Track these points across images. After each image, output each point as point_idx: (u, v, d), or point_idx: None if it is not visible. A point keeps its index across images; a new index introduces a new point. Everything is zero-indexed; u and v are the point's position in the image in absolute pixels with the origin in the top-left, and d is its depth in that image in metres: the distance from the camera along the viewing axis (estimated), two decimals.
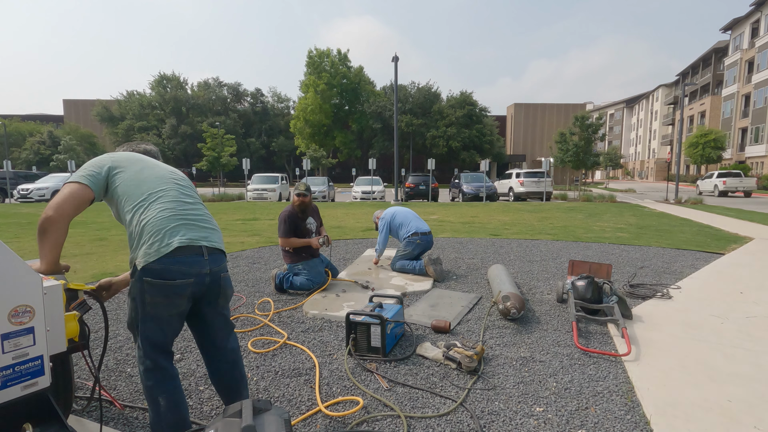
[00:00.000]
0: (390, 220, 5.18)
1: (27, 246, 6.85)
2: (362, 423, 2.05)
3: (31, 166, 41.66)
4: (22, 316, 1.35)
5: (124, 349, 2.88)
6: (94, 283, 1.89)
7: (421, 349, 2.81)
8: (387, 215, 5.24)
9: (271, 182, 21.83)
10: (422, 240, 4.97)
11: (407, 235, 5.00)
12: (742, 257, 6.04)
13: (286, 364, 2.68)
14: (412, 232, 4.99)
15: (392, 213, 5.24)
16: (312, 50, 46.74)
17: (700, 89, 50.99)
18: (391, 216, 5.21)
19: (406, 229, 5.05)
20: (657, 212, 13.32)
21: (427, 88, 47.81)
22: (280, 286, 4.21)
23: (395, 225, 5.16)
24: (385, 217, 5.23)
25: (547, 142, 47.18)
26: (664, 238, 7.75)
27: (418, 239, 4.96)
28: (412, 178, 21.39)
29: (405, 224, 5.10)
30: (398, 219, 5.17)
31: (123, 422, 2.06)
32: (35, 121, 55.80)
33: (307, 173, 22.19)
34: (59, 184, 20.21)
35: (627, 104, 79.58)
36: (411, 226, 5.05)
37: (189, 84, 54.45)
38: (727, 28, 42.59)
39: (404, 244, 5.01)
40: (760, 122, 35.96)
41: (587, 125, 24.03)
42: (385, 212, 5.32)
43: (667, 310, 3.73)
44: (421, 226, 5.07)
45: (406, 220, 5.13)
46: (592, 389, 2.37)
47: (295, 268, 4.29)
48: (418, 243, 4.95)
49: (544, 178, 19.93)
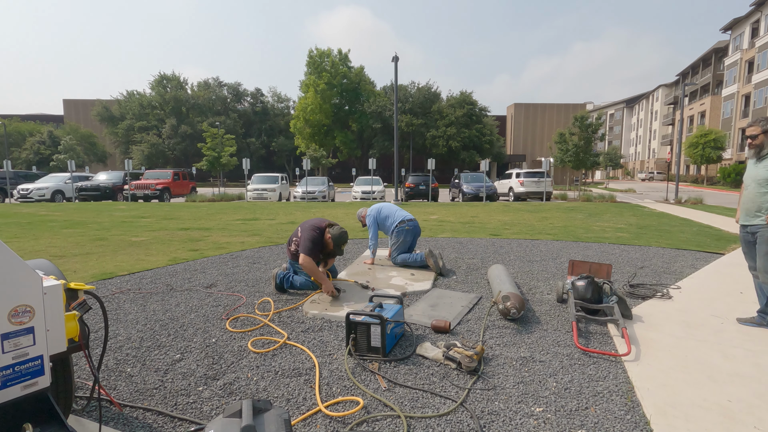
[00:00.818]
0: (376, 215, 5.49)
1: (27, 246, 6.84)
2: (362, 423, 2.05)
3: (31, 166, 41.65)
4: (22, 316, 1.35)
5: (124, 349, 2.88)
6: (94, 283, 1.89)
7: (421, 349, 2.81)
8: (373, 211, 5.55)
9: (271, 182, 21.83)
10: (410, 226, 5.34)
11: (395, 224, 5.34)
12: (742, 257, 6.02)
13: (286, 364, 2.68)
14: (399, 221, 5.33)
15: (378, 208, 5.56)
16: (312, 50, 46.74)
17: (700, 89, 50.99)
18: (377, 211, 5.52)
19: (392, 220, 5.40)
20: (657, 212, 13.32)
21: (427, 88, 47.80)
22: (280, 285, 4.21)
23: (382, 218, 5.48)
24: (371, 213, 5.53)
25: (547, 142, 47.17)
26: (664, 238, 7.75)
27: (406, 225, 5.31)
28: (412, 178, 21.40)
29: (391, 215, 5.45)
30: (384, 212, 5.50)
31: (123, 422, 2.06)
32: (35, 121, 55.76)
33: (307, 173, 22.18)
34: (59, 184, 20.21)
35: (627, 104, 79.57)
36: (397, 216, 5.41)
37: (189, 84, 54.47)
38: (727, 28, 42.58)
39: (395, 233, 5.31)
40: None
41: (587, 125, 24.03)
42: (370, 209, 5.62)
43: (667, 310, 3.73)
44: (406, 215, 5.45)
45: (392, 212, 5.48)
46: (592, 389, 2.37)
47: (296, 265, 4.29)
48: (408, 229, 5.30)
49: (544, 178, 19.94)
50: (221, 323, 3.38)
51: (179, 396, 2.29)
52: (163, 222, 10.59)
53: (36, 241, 7.38)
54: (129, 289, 4.34)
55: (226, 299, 4.01)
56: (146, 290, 4.29)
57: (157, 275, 4.92)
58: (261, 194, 21.01)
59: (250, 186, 21.47)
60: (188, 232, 8.71)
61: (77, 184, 20.09)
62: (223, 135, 27.39)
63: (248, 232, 8.70)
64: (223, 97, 54.26)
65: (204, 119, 49.14)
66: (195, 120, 49.92)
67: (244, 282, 4.62)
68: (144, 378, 2.49)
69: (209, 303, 3.89)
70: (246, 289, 4.36)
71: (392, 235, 5.34)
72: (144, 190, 19.86)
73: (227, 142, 27.30)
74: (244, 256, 6.10)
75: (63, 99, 62.13)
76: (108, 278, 4.75)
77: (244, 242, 7.31)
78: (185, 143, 48.70)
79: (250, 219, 11.43)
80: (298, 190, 20.81)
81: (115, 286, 4.45)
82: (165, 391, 2.34)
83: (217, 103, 53.42)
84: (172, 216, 12.22)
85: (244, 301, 3.96)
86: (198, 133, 43.19)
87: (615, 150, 51.80)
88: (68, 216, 12.05)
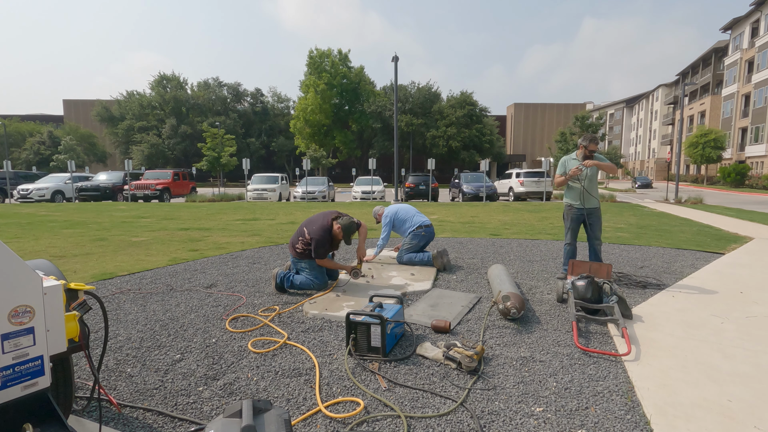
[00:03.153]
0: (394, 217, 5.54)
1: (27, 246, 6.85)
2: (362, 423, 2.05)
3: (31, 167, 41.69)
4: (22, 316, 1.35)
5: (124, 349, 2.88)
6: (94, 283, 1.89)
7: (421, 349, 2.81)
8: (391, 211, 5.58)
9: (271, 182, 21.84)
10: (426, 232, 5.42)
11: (412, 228, 5.40)
12: (742, 257, 6.04)
13: (286, 364, 2.68)
14: (417, 225, 5.40)
15: (395, 209, 5.60)
16: (312, 50, 46.78)
17: (700, 89, 50.99)
18: (395, 212, 5.56)
19: (410, 224, 5.44)
20: (657, 212, 13.32)
21: (427, 88, 47.84)
22: (280, 285, 4.20)
23: (399, 221, 5.53)
24: (389, 213, 5.56)
25: (546, 142, 47.17)
26: (664, 238, 7.75)
27: (422, 231, 5.40)
28: (412, 178, 21.41)
29: (408, 219, 5.49)
30: (401, 215, 5.55)
31: (123, 422, 2.06)
32: (35, 121, 55.81)
33: (307, 173, 22.19)
34: (59, 184, 20.20)
35: (627, 104, 79.61)
36: (415, 221, 5.47)
37: (189, 84, 54.50)
38: (727, 28, 42.59)
39: (410, 237, 5.38)
40: (760, 122, 35.95)
41: (587, 125, 24.05)
42: (388, 209, 5.66)
43: (667, 310, 3.73)
44: (424, 220, 5.50)
45: (409, 216, 5.52)
46: (592, 389, 2.37)
47: (299, 264, 4.30)
48: (423, 235, 5.40)
49: (544, 178, 19.94)
50: (221, 323, 3.38)
51: (179, 396, 2.29)
52: (163, 222, 10.59)
53: (36, 241, 7.39)
54: (129, 289, 4.34)
55: (226, 299, 4.01)
56: (146, 290, 4.29)
57: (157, 275, 4.92)
58: (261, 194, 21.02)
59: (250, 186, 21.47)
60: (188, 232, 8.71)
61: (77, 184, 20.09)
62: (223, 135, 27.40)
63: (248, 232, 8.70)
64: (223, 97, 54.30)
65: (204, 119, 49.18)
66: (195, 120, 49.95)
67: (244, 282, 4.62)
68: (144, 378, 2.49)
69: (209, 303, 3.89)
70: (246, 289, 4.36)
71: (407, 238, 5.42)
72: (144, 191, 19.86)
73: (227, 142, 27.30)
74: (244, 256, 6.10)
75: (63, 99, 62.15)
76: (108, 278, 4.75)
77: (244, 242, 7.31)
78: (185, 143, 48.72)
79: (250, 219, 11.43)
80: (298, 190, 20.82)
81: (115, 286, 4.45)
82: (165, 391, 2.34)
83: (217, 103, 53.44)
84: (172, 216, 12.22)
85: (244, 301, 3.95)
86: (198, 133, 43.19)
87: (615, 150, 51.81)
88: (68, 216, 12.05)
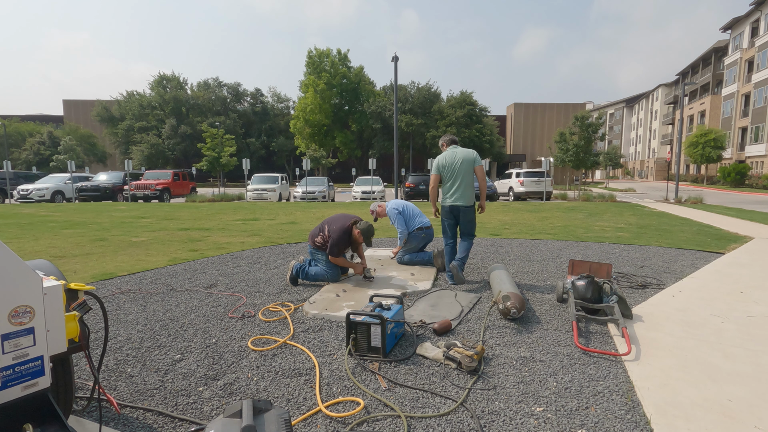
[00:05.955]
0: (402, 210, 5.55)
1: (27, 246, 6.84)
2: (362, 423, 2.05)
3: (31, 167, 41.66)
4: (22, 316, 1.35)
5: (124, 349, 2.88)
6: (94, 283, 1.89)
7: (422, 349, 2.81)
8: (398, 205, 5.60)
9: (271, 182, 21.82)
10: (426, 234, 5.46)
11: (413, 229, 5.43)
12: (742, 257, 6.04)
13: (286, 364, 2.68)
14: (418, 227, 5.44)
15: (402, 205, 5.61)
16: (312, 50, 46.76)
17: (700, 89, 50.97)
18: (402, 206, 5.59)
19: (412, 223, 5.48)
20: (657, 212, 13.32)
21: (427, 88, 47.80)
22: (295, 276, 4.42)
23: (407, 216, 5.55)
24: (396, 206, 5.59)
25: (546, 142, 47.16)
26: (664, 238, 7.76)
27: (423, 233, 5.43)
28: (412, 178, 21.39)
29: (411, 219, 5.52)
30: (407, 212, 5.58)
31: (123, 422, 2.06)
32: (35, 121, 55.75)
33: (307, 173, 22.18)
34: (59, 184, 20.20)
35: (627, 104, 79.59)
36: (417, 221, 5.49)
37: (189, 84, 54.46)
38: (727, 28, 42.58)
39: (411, 237, 5.43)
40: (760, 121, 35.94)
41: (587, 125, 24.04)
42: (391, 203, 5.68)
43: (667, 309, 3.73)
44: (425, 222, 5.52)
45: (414, 215, 5.55)
46: (592, 389, 2.37)
47: (317, 254, 4.55)
48: (423, 237, 5.45)
49: (544, 178, 19.94)
50: (221, 323, 3.38)
51: (179, 396, 2.29)
52: (163, 222, 10.59)
53: (36, 241, 7.38)
54: (129, 289, 4.34)
55: (226, 299, 4.01)
56: (146, 290, 4.30)
57: (157, 275, 4.92)
58: (261, 194, 21.00)
59: (250, 186, 21.46)
60: (188, 232, 8.71)
61: (77, 184, 20.08)
62: (222, 135, 27.38)
63: (248, 232, 8.70)
64: (222, 98, 54.24)
65: (204, 119, 49.12)
66: (195, 120, 49.89)
67: (244, 282, 4.62)
68: (144, 378, 2.49)
69: (209, 303, 3.89)
70: (246, 289, 4.36)
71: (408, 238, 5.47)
72: (144, 191, 19.85)
73: (227, 142, 27.28)
74: (244, 256, 6.10)
75: (63, 99, 62.11)
76: (108, 279, 4.75)
77: (244, 242, 7.31)
78: (185, 143, 48.67)
79: (250, 219, 11.43)
80: (298, 190, 20.81)
81: (115, 286, 4.45)
82: (165, 391, 2.34)
83: (217, 104, 53.39)
84: (172, 216, 12.22)
85: (245, 301, 3.96)
86: (198, 133, 43.14)
87: (615, 149, 51.84)
88: (68, 216, 12.05)
